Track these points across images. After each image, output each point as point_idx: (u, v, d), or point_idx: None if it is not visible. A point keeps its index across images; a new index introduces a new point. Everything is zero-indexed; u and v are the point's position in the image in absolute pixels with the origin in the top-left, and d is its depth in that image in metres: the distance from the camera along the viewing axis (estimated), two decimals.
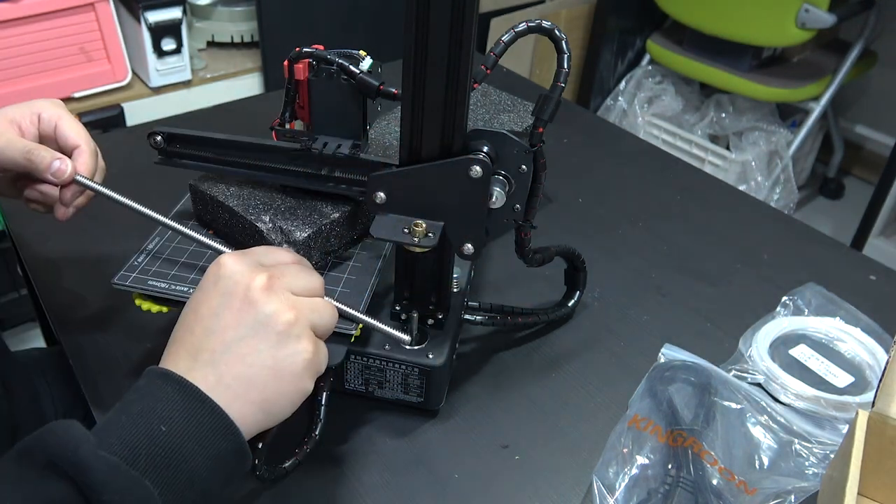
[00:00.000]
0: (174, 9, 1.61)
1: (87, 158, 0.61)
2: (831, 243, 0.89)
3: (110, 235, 0.81)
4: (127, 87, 1.65)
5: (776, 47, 2.05)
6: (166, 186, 0.70)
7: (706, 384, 0.63)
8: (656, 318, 0.76)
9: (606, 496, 0.55)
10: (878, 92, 2.29)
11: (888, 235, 1.99)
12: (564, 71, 0.51)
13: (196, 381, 0.45)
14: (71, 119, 0.62)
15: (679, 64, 2.13)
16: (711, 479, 0.56)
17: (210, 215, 0.65)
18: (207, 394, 0.45)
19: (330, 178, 0.61)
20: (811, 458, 0.59)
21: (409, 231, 0.54)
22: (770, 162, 2.03)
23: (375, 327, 0.56)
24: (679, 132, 2.17)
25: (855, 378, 0.68)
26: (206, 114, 1.12)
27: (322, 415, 0.58)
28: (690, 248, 0.87)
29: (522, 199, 0.55)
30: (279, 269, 0.50)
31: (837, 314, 0.74)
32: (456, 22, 0.48)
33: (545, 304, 0.75)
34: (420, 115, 0.52)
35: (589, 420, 0.65)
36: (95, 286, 0.75)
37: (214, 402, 0.45)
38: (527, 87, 1.20)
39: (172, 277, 0.60)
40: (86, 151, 0.61)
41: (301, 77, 0.60)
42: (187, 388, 0.45)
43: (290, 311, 0.48)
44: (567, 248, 0.69)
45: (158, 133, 0.63)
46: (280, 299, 0.48)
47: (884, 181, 1.80)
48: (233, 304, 0.47)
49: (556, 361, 0.70)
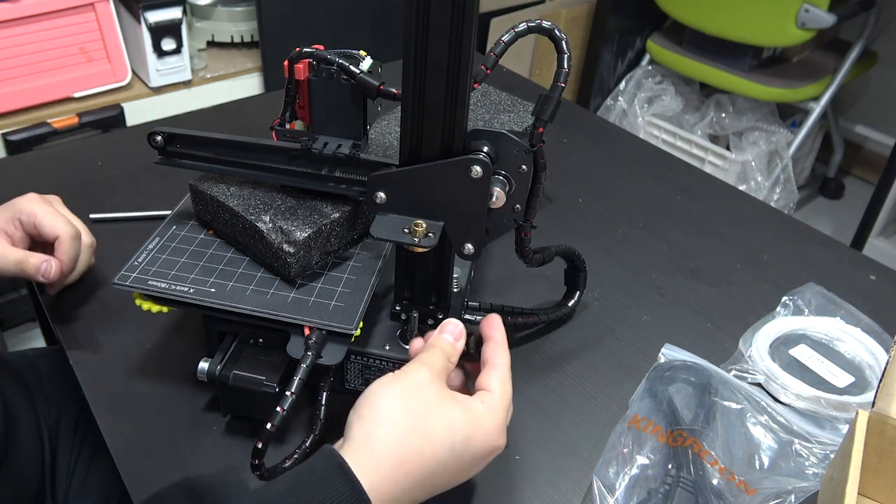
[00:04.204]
0: (174, 9, 1.61)
1: (66, 247, 0.69)
2: (831, 243, 0.89)
3: (110, 235, 0.81)
4: (127, 87, 1.65)
5: (776, 47, 2.05)
6: (166, 186, 0.70)
7: (706, 384, 0.63)
8: (656, 318, 0.76)
9: (606, 496, 0.55)
10: (878, 92, 2.29)
11: (888, 235, 1.99)
12: (564, 71, 0.51)
13: (378, 492, 0.45)
14: (45, 211, 0.69)
15: (679, 64, 2.13)
16: (711, 479, 0.56)
17: (210, 215, 0.65)
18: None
19: (330, 178, 0.61)
20: (811, 458, 0.59)
21: (409, 231, 0.54)
22: (770, 162, 2.03)
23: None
24: (679, 132, 2.17)
25: (855, 378, 0.68)
26: (206, 114, 1.12)
27: (322, 415, 0.58)
28: (690, 248, 0.87)
29: (522, 199, 0.55)
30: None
31: (837, 314, 0.74)
32: (456, 22, 0.48)
33: (545, 304, 0.75)
34: (420, 115, 0.52)
35: (589, 420, 0.65)
36: (95, 286, 0.75)
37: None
38: (527, 87, 1.20)
39: (172, 277, 0.60)
40: (65, 240, 0.69)
41: (301, 77, 0.60)
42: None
43: (503, 439, 0.50)
44: (567, 248, 0.69)
45: (158, 133, 0.63)
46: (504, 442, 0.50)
47: (884, 181, 1.80)
48: (467, 463, 0.48)
49: (556, 361, 0.70)
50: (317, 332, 0.57)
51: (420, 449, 0.46)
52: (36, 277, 0.68)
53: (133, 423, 0.62)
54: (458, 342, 0.53)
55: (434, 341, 0.53)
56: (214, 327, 0.62)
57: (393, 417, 0.46)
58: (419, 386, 0.48)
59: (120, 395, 0.65)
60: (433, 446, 0.46)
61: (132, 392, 0.65)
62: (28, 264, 0.67)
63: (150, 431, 0.61)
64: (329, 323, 0.57)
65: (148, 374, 0.66)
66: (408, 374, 0.49)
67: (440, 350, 0.52)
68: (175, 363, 0.67)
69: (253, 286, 0.60)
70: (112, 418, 0.62)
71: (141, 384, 0.66)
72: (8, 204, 0.70)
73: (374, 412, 0.46)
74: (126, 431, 0.61)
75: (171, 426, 0.62)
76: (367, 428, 0.46)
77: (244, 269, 0.62)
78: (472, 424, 0.48)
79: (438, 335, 0.53)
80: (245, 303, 0.58)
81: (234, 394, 0.59)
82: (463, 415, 0.48)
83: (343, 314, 0.58)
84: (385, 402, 0.47)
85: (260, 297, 0.59)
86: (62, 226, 0.69)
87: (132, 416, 0.63)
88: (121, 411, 0.63)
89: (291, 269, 0.59)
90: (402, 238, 0.54)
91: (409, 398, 0.47)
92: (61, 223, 0.69)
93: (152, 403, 0.64)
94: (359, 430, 0.46)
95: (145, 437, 0.61)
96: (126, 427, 0.62)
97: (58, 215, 0.70)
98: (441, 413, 0.47)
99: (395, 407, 0.46)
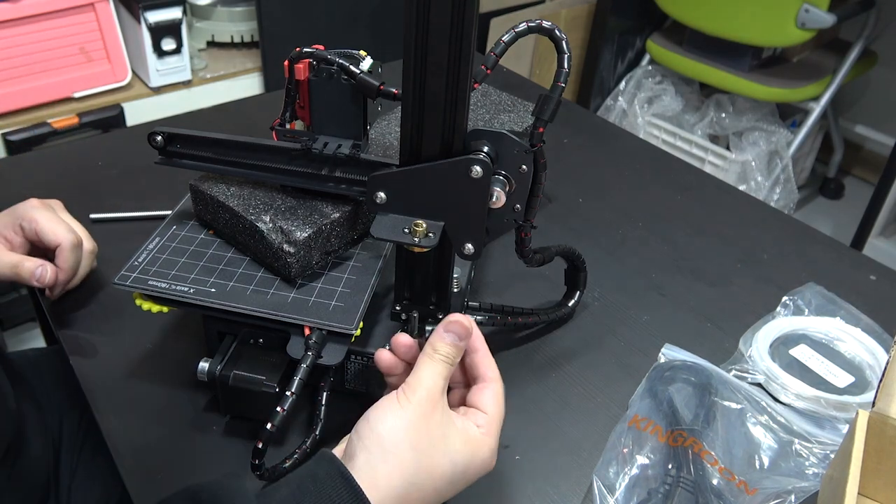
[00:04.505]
0: (174, 9, 1.61)
1: (66, 255, 0.69)
2: (831, 243, 0.89)
3: (110, 235, 0.81)
4: (127, 87, 1.66)
5: (776, 47, 2.05)
6: (166, 186, 0.70)
7: (706, 384, 0.63)
8: (656, 318, 0.76)
9: (606, 496, 0.55)
10: (878, 92, 2.29)
11: (888, 235, 1.99)
12: (564, 71, 0.51)
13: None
14: (48, 218, 0.69)
15: (679, 64, 2.13)
16: (711, 479, 0.56)
17: (210, 215, 0.65)
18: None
19: (330, 178, 0.61)
20: (811, 458, 0.59)
21: (409, 231, 0.54)
22: (770, 162, 2.03)
23: None
24: (679, 132, 2.17)
25: (855, 378, 0.68)
26: (206, 114, 1.12)
27: (322, 414, 0.58)
28: (690, 248, 0.87)
29: (522, 199, 0.55)
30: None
31: (837, 314, 0.74)
32: (456, 22, 0.48)
33: (545, 304, 0.75)
34: (420, 115, 0.52)
35: (589, 420, 0.65)
36: (95, 286, 0.75)
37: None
38: (527, 87, 1.20)
39: (172, 277, 0.60)
40: (66, 248, 0.68)
41: (301, 77, 0.60)
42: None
43: (495, 460, 0.51)
44: (567, 248, 0.69)
45: (158, 133, 0.63)
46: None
47: (884, 181, 1.80)
48: (459, 486, 0.49)
49: (556, 361, 0.70)
50: (317, 332, 0.57)
51: (422, 485, 0.47)
52: (31, 282, 0.68)
53: (133, 423, 0.62)
54: (462, 342, 0.52)
55: (437, 346, 0.51)
56: (214, 327, 0.62)
57: (398, 455, 0.46)
58: (424, 417, 0.47)
59: (120, 395, 0.65)
60: (434, 479, 0.47)
61: (132, 392, 0.65)
62: (23, 269, 0.68)
63: (151, 431, 0.61)
64: (329, 323, 0.57)
65: (148, 374, 0.66)
66: (413, 404, 0.48)
67: (443, 362, 0.50)
68: (175, 363, 0.67)
69: (253, 286, 0.60)
70: (112, 418, 0.62)
71: (141, 384, 0.66)
72: (10, 210, 0.71)
73: (380, 446, 0.46)
74: (126, 431, 0.61)
75: (171, 426, 0.62)
76: (372, 463, 0.46)
77: (244, 269, 0.62)
78: (470, 454, 0.49)
79: (441, 337, 0.51)
80: (245, 303, 0.58)
81: (234, 394, 0.59)
82: (463, 445, 0.48)
83: (343, 314, 0.58)
84: (390, 435, 0.46)
85: (260, 297, 0.59)
86: (63, 234, 0.69)
87: (132, 416, 0.63)
88: (121, 411, 0.63)
89: (291, 269, 0.59)
90: (402, 238, 0.54)
91: (413, 432, 0.47)
92: (63, 231, 0.69)
93: (152, 403, 0.64)
94: (364, 462, 0.46)
95: (145, 437, 0.61)
96: (126, 427, 0.62)
97: (59, 222, 0.70)
98: (444, 447, 0.48)
99: (401, 444, 0.46)
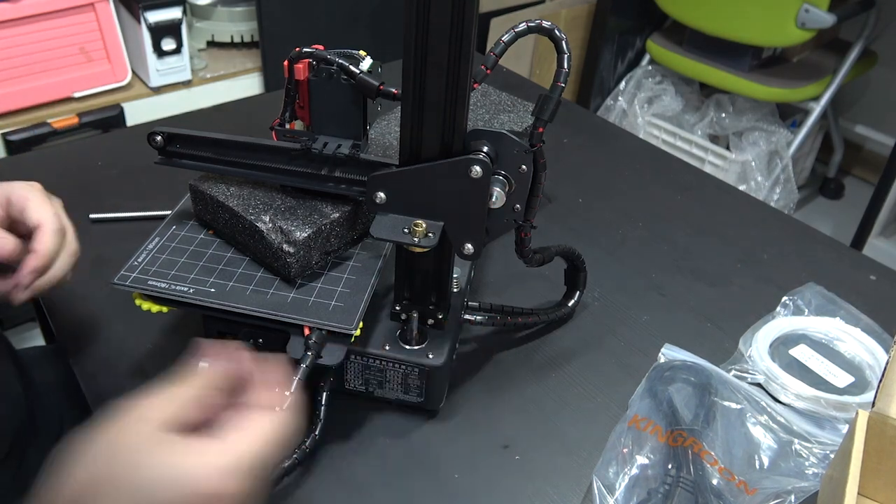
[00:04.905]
0: (174, 9, 1.61)
1: (47, 238, 0.61)
2: (831, 243, 0.89)
3: (110, 235, 0.81)
4: (127, 87, 1.65)
5: (776, 47, 2.04)
6: (166, 186, 0.70)
7: (706, 384, 0.63)
8: (656, 318, 0.76)
9: (606, 496, 0.55)
10: (878, 92, 2.28)
11: (888, 235, 1.99)
12: (564, 71, 0.51)
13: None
14: (39, 201, 0.63)
15: (679, 64, 2.13)
16: (711, 479, 0.56)
17: (210, 215, 0.65)
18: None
19: (330, 178, 0.61)
20: (811, 458, 0.59)
21: (409, 231, 0.54)
22: (770, 162, 2.03)
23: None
24: (679, 132, 2.17)
25: (855, 378, 0.68)
26: (206, 114, 1.12)
27: (322, 414, 0.58)
28: (690, 248, 0.87)
29: (522, 199, 0.55)
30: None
31: (837, 314, 0.74)
32: (456, 22, 0.48)
33: (545, 304, 0.75)
34: (420, 115, 0.52)
35: (589, 420, 0.65)
36: (95, 286, 0.75)
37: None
38: (527, 87, 1.20)
39: (172, 277, 0.60)
40: (47, 231, 0.61)
41: (301, 77, 0.60)
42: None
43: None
44: (567, 248, 0.69)
45: (158, 133, 0.63)
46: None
47: (884, 181, 1.80)
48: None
49: (556, 361, 0.70)
50: (317, 332, 0.57)
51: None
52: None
53: None
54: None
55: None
56: (214, 327, 0.62)
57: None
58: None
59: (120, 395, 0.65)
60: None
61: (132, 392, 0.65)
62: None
63: None
64: (329, 323, 0.57)
65: (148, 374, 0.66)
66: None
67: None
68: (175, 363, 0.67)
69: (253, 286, 0.60)
70: None
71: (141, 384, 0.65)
72: (5, 182, 0.65)
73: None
74: None
75: None
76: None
77: (244, 269, 0.62)
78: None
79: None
80: (245, 303, 0.58)
81: None
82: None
83: (343, 314, 0.58)
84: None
85: (260, 297, 0.59)
86: (48, 216, 0.63)
87: None
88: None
89: (291, 269, 0.59)
90: (401, 238, 0.54)
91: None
92: (49, 214, 0.63)
93: None
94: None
95: None
96: None
97: (50, 207, 0.64)
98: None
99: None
